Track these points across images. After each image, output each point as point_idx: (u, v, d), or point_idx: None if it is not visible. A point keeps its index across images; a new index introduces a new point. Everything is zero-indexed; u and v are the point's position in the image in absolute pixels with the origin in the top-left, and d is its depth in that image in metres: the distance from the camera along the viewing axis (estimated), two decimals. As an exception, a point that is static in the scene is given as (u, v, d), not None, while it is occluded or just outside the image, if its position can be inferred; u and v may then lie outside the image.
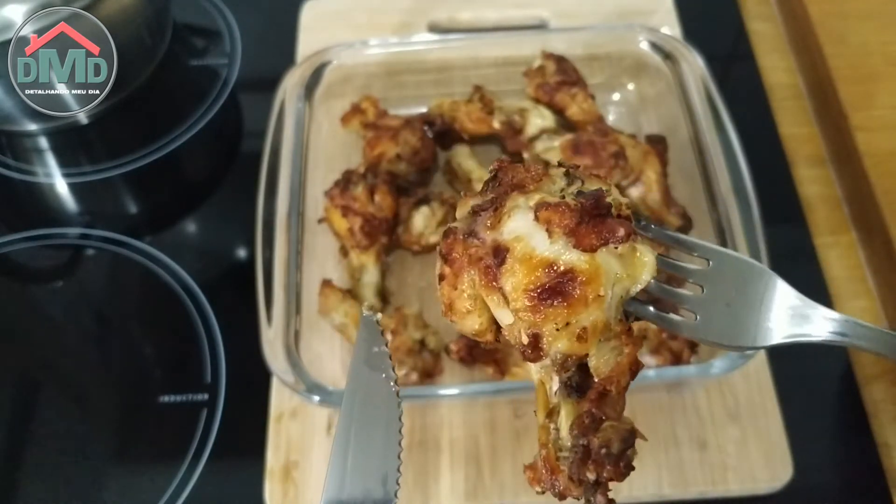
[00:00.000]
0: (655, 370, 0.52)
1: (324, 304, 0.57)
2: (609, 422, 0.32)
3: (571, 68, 0.66)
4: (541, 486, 0.33)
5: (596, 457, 0.31)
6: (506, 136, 0.64)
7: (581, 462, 0.32)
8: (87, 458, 0.56)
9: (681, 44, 0.64)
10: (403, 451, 0.39)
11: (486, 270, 0.32)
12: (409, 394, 0.52)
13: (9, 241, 0.68)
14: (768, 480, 0.52)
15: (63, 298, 0.65)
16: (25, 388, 0.60)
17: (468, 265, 0.33)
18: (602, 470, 0.31)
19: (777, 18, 0.80)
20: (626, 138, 0.61)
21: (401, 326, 0.55)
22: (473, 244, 0.32)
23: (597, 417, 0.32)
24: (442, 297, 0.34)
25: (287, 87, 0.63)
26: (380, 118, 0.65)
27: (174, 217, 0.70)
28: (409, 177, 0.63)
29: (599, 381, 0.32)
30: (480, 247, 0.32)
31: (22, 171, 0.73)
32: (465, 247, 0.33)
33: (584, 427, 0.32)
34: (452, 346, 0.54)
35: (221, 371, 0.59)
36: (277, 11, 0.79)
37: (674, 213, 0.61)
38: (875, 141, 0.65)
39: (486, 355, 0.55)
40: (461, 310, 0.33)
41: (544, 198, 0.32)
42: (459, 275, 0.33)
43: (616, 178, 0.58)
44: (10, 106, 0.69)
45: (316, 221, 0.61)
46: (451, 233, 0.33)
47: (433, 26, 0.77)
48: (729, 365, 0.49)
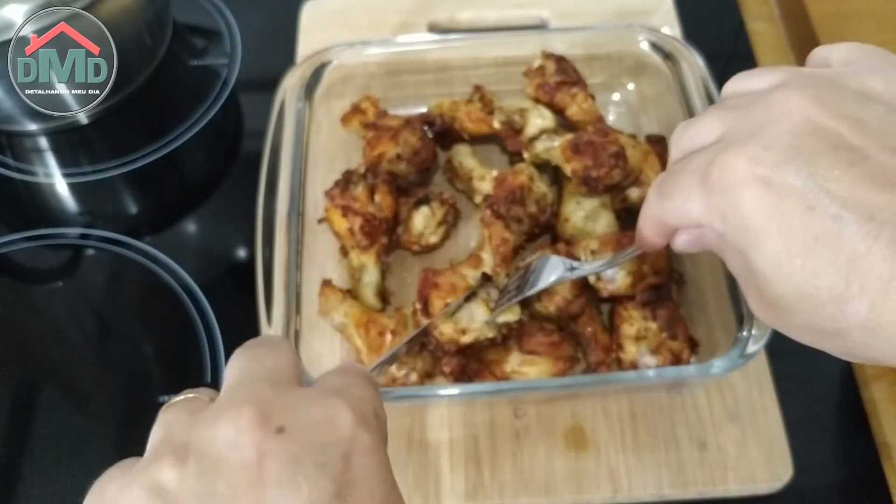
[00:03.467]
0: (655, 370, 0.52)
1: (324, 305, 0.57)
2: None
3: (571, 68, 0.65)
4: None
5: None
6: (506, 136, 0.64)
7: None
8: (87, 458, 0.56)
9: (681, 44, 0.64)
10: (404, 451, 0.39)
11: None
12: (409, 394, 0.52)
13: (9, 241, 0.68)
14: (768, 480, 0.52)
15: (63, 298, 0.65)
16: (25, 388, 0.60)
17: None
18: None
19: (777, 18, 0.80)
20: (626, 138, 0.61)
21: (400, 327, 0.55)
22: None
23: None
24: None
25: (287, 87, 0.63)
26: (380, 118, 0.65)
27: (174, 217, 0.70)
28: (410, 177, 0.63)
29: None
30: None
31: (22, 171, 0.73)
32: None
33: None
34: (445, 367, 0.54)
35: (221, 371, 0.59)
36: (277, 11, 0.79)
37: (674, 213, 0.61)
38: (875, 141, 0.65)
39: (482, 369, 0.54)
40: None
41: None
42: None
43: (616, 178, 0.58)
44: (10, 106, 0.69)
45: (316, 221, 0.61)
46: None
47: (433, 26, 0.77)
48: (729, 365, 0.49)
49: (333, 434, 0.28)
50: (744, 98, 0.34)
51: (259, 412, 0.27)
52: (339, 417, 0.29)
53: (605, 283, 0.55)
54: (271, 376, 0.31)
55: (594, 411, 0.55)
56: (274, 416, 0.28)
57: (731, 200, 0.30)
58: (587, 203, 0.60)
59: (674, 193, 0.33)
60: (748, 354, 0.49)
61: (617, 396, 0.56)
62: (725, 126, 0.32)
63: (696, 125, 0.35)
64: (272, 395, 0.29)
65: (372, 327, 0.55)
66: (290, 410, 0.28)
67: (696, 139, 0.34)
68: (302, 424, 0.28)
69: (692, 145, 0.34)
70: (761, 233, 0.29)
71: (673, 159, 0.36)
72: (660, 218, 0.35)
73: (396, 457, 0.54)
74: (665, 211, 0.34)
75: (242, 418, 0.27)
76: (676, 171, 0.34)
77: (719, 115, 0.33)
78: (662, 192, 0.35)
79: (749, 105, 0.32)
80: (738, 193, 0.30)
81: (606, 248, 0.55)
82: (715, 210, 0.31)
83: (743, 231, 0.30)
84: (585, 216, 0.60)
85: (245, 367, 0.31)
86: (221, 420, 0.27)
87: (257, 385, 0.30)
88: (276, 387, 0.30)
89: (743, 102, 0.33)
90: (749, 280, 0.32)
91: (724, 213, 0.31)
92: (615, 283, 0.55)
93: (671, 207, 0.34)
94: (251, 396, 0.28)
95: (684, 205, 0.33)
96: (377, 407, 0.32)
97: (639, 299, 0.55)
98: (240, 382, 0.30)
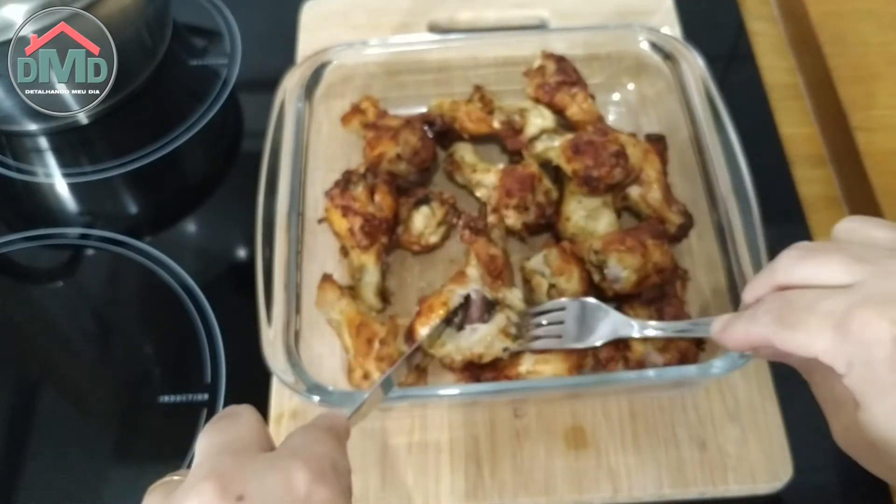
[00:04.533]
0: (655, 370, 0.52)
1: (321, 298, 0.57)
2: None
3: (571, 68, 0.66)
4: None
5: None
6: (506, 135, 0.64)
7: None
8: (87, 458, 0.56)
9: (681, 44, 0.64)
10: (403, 451, 0.39)
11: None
12: (410, 394, 0.52)
13: (9, 241, 0.68)
14: (768, 480, 0.52)
15: (63, 298, 0.65)
16: (25, 388, 0.60)
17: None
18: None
19: (777, 18, 0.80)
20: (625, 137, 0.61)
21: (390, 336, 0.55)
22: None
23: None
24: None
25: (287, 87, 0.63)
26: (380, 118, 0.65)
27: (174, 217, 0.70)
28: (410, 177, 0.63)
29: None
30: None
31: (22, 171, 0.73)
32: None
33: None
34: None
35: (221, 371, 0.59)
36: (277, 11, 0.79)
37: (675, 210, 0.61)
38: (875, 141, 0.65)
39: (497, 375, 0.54)
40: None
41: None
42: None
43: (617, 177, 0.58)
44: (10, 106, 0.69)
45: (316, 222, 0.61)
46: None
47: (433, 26, 0.77)
48: (729, 365, 0.49)
49: (290, 494, 0.31)
50: (869, 250, 0.35)
51: (219, 484, 0.30)
52: (294, 478, 0.31)
53: (610, 282, 0.55)
54: (233, 446, 0.34)
55: (594, 411, 0.55)
56: (233, 486, 0.30)
57: (866, 354, 0.32)
58: (588, 202, 0.60)
59: (799, 327, 0.34)
60: (748, 354, 0.48)
61: (617, 396, 0.56)
62: (857, 276, 0.34)
63: (819, 260, 0.36)
64: (232, 465, 0.32)
65: (363, 331, 0.55)
66: (248, 477, 0.31)
67: (818, 275, 0.35)
68: (259, 490, 0.31)
69: (812, 279, 0.36)
70: (887, 389, 0.32)
71: (783, 282, 0.37)
72: (772, 342, 0.36)
73: (396, 457, 0.54)
74: (783, 339, 0.35)
75: (205, 493, 0.30)
76: (801, 305, 0.35)
77: (847, 262, 0.35)
78: (784, 322, 0.35)
79: (880, 261, 0.34)
80: (874, 350, 0.32)
81: (609, 247, 0.55)
82: (843, 355, 0.33)
83: (867, 382, 0.32)
84: (587, 215, 0.60)
85: (210, 441, 0.34)
86: (187, 499, 0.30)
87: (219, 457, 0.33)
88: (236, 456, 0.33)
89: (870, 256, 0.35)
90: (843, 410, 0.35)
91: (851, 362, 0.33)
92: (620, 282, 0.55)
93: (792, 338, 0.35)
94: (213, 470, 0.31)
95: (809, 340, 0.34)
96: (337, 460, 0.34)
97: (644, 298, 0.55)
98: (205, 457, 0.33)
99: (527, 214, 0.59)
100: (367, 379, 0.54)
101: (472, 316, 0.53)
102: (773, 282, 0.38)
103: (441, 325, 0.53)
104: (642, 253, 0.55)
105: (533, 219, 0.60)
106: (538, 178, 0.59)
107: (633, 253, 0.54)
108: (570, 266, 0.56)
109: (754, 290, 0.39)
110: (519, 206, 0.59)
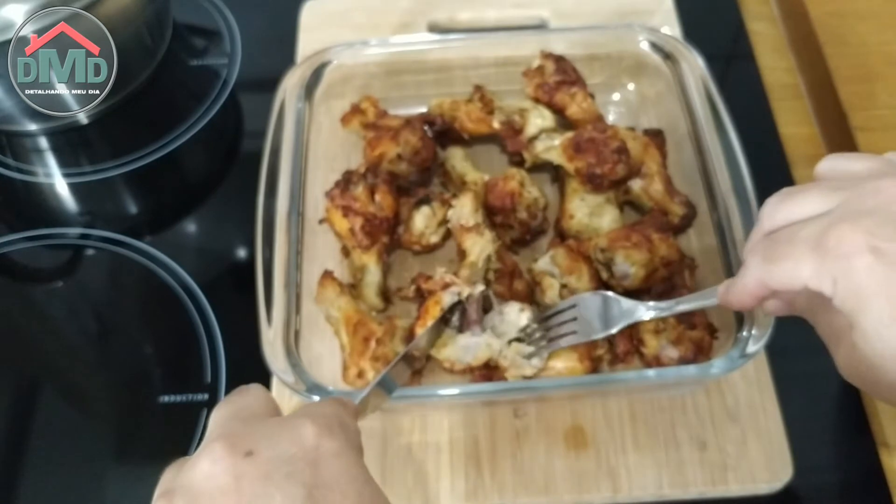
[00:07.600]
0: (656, 371, 0.52)
1: (321, 294, 0.57)
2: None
3: (570, 68, 0.65)
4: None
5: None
6: (506, 135, 0.64)
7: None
8: (87, 458, 0.56)
9: (681, 44, 0.64)
10: (404, 451, 0.39)
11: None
12: (410, 394, 0.52)
13: (9, 241, 0.68)
14: (768, 480, 0.52)
15: (63, 298, 0.65)
16: (25, 388, 0.60)
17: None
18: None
19: (777, 18, 0.80)
20: (625, 131, 0.61)
21: (387, 337, 0.55)
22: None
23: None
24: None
25: (287, 87, 0.63)
26: (380, 118, 0.65)
27: (174, 217, 0.70)
28: (410, 177, 0.63)
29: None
30: None
31: (22, 171, 0.73)
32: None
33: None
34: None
35: (221, 371, 0.59)
36: (277, 11, 0.79)
37: (677, 201, 0.61)
38: (875, 141, 0.65)
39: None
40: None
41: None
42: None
43: (620, 173, 0.58)
44: (10, 106, 0.69)
45: (317, 222, 0.61)
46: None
47: (433, 26, 0.77)
48: (729, 365, 0.49)
49: (298, 446, 0.32)
50: (846, 180, 0.36)
51: (228, 443, 0.31)
52: (302, 432, 0.33)
53: (618, 279, 0.55)
54: (241, 414, 0.35)
55: (594, 411, 0.55)
56: (242, 444, 0.32)
57: (846, 266, 0.33)
58: (591, 199, 0.60)
59: (783, 259, 0.35)
60: (748, 354, 0.49)
61: (617, 396, 0.56)
62: (833, 202, 0.35)
63: (797, 198, 0.37)
64: (241, 427, 0.34)
65: (360, 330, 0.55)
66: (257, 436, 0.32)
67: (798, 211, 0.36)
68: (268, 445, 0.32)
69: (793, 216, 0.37)
70: (871, 296, 0.32)
71: (768, 228, 0.38)
72: (764, 281, 0.37)
73: (396, 457, 0.54)
74: (772, 275, 0.36)
75: (215, 451, 0.31)
76: (783, 238, 0.36)
77: (824, 193, 0.36)
78: (769, 258, 0.36)
79: (856, 187, 0.35)
80: (853, 261, 0.32)
81: (616, 245, 0.55)
82: (827, 274, 0.33)
83: (853, 294, 0.33)
84: (590, 212, 0.60)
85: (221, 413, 0.36)
86: (199, 460, 0.31)
87: (228, 423, 0.35)
88: (245, 421, 0.35)
89: (847, 184, 0.36)
90: (842, 339, 0.35)
91: (836, 278, 0.33)
92: (629, 278, 0.55)
93: (779, 271, 0.36)
94: (222, 433, 0.33)
95: (795, 269, 0.35)
96: (344, 419, 0.36)
97: (653, 292, 0.55)
98: (216, 425, 0.35)
99: (511, 232, 0.60)
100: (361, 378, 0.54)
101: (470, 317, 0.53)
102: (761, 231, 0.38)
103: (439, 326, 0.53)
104: (648, 248, 0.55)
105: (517, 235, 0.60)
106: (518, 193, 0.59)
107: (640, 248, 0.54)
108: (579, 264, 0.56)
109: (748, 246, 0.39)
110: (503, 225, 0.59)
